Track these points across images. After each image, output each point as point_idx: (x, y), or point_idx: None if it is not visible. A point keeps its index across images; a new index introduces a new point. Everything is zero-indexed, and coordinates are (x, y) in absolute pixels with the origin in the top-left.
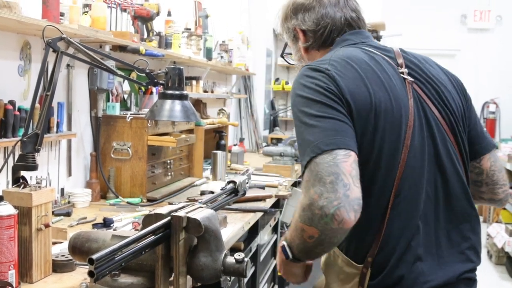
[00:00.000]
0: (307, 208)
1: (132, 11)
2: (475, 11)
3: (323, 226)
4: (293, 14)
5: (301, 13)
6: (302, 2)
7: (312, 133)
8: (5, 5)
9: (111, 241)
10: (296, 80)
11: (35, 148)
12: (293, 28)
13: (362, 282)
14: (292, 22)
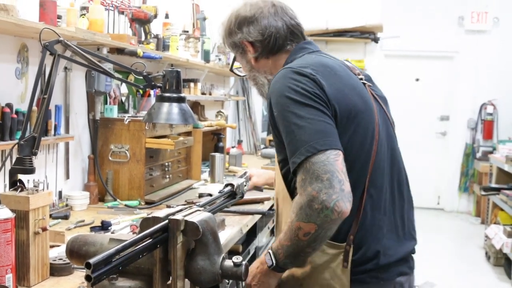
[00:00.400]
0: (306, 205)
1: (130, 14)
2: (472, 12)
3: (322, 219)
4: (238, 29)
5: (246, 27)
6: (244, 16)
7: (304, 133)
8: (2, 8)
9: (109, 245)
10: (279, 81)
11: (32, 151)
12: (240, 42)
13: (346, 258)
14: (238, 37)
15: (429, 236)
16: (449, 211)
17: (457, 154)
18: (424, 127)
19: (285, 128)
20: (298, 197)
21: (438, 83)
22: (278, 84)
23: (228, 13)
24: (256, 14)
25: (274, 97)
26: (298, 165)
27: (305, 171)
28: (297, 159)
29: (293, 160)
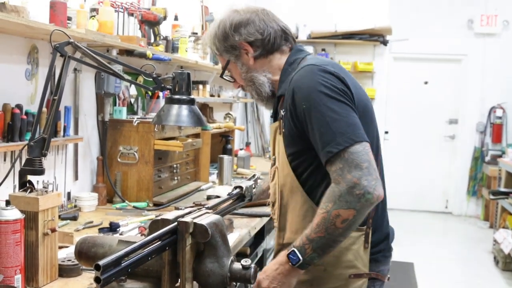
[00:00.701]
0: (346, 192)
1: (139, 16)
2: (482, 16)
3: (362, 204)
4: (234, 31)
5: (243, 28)
6: (239, 19)
7: (340, 126)
8: (13, 10)
9: (118, 246)
10: (308, 77)
11: (42, 152)
12: (239, 44)
13: (367, 239)
14: (236, 39)
15: (437, 240)
16: (457, 215)
17: (466, 158)
18: (433, 130)
19: (317, 120)
20: (334, 186)
21: (447, 86)
22: (307, 80)
23: (215, 23)
24: (251, 17)
25: (304, 91)
26: (335, 154)
27: (342, 160)
28: (334, 149)
29: (329, 150)
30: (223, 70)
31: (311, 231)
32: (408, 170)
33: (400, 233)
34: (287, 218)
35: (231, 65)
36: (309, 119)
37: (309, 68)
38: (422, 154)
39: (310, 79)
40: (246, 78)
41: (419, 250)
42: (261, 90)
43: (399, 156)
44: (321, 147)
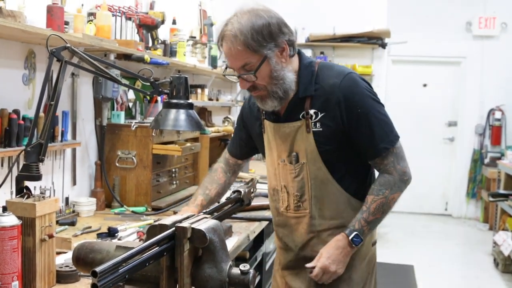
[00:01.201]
0: (398, 179)
1: (137, 20)
2: (480, 18)
3: (405, 187)
4: (279, 30)
5: (285, 28)
6: (280, 18)
7: (388, 126)
8: (10, 14)
9: (115, 252)
10: (358, 85)
11: (39, 158)
12: (282, 42)
13: None
14: (281, 38)
15: (436, 242)
16: (456, 217)
17: (465, 160)
18: (432, 133)
19: (372, 122)
20: (387, 176)
21: (445, 89)
22: (357, 88)
23: (253, 17)
24: (274, 18)
25: (357, 98)
26: (388, 150)
27: (392, 154)
28: (388, 145)
29: (384, 146)
30: (258, 67)
31: (368, 215)
32: None
33: (400, 235)
34: (321, 208)
35: (266, 63)
36: (363, 121)
37: (353, 77)
38: (421, 157)
39: (360, 87)
40: (276, 77)
41: (419, 253)
42: (287, 88)
43: None
44: (374, 144)
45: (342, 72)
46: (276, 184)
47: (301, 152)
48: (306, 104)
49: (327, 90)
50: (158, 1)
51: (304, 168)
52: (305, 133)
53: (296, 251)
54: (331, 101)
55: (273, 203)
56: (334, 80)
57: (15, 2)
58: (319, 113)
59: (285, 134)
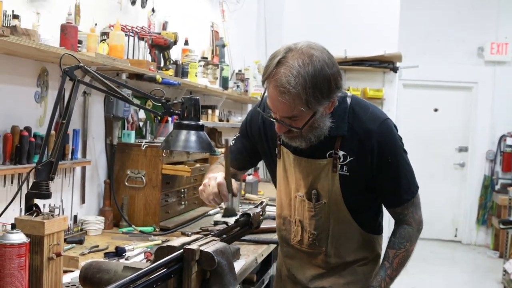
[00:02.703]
0: (416, 230)
1: (150, 40)
2: (492, 43)
3: (419, 236)
4: (337, 87)
5: (340, 81)
6: (336, 71)
7: (412, 177)
8: (24, 33)
9: (123, 273)
10: (391, 133)
11: (49, 176)
12: (336, 97)
13: None
14: (336, 94)
15: (445, 269)
16: (466, 243)
17: (476, 186)
18: (442, 158)
19: (400, 173)
20: (407, 227)
21: (456, 114)
22: (391, 137)
23: (312, 67)
24: (336, 63)
25: (390, 148)
26: (409, 201)
27: (412, 205)
28: (410, 196)
29: (406, 198)
30: (306, 123)
31: (392, 271)
32: None
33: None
34: (338, 246)
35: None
36: (392, 171)
37: (389, 125)
38: (431, 182)
39: (393, 136)
40: (316, 127)
41: (428, 279)
42: (321, 134)
43: None
44: (398, 195)
45: (378, 118)
46: (289, 215)
47: (323, 191)
48: (336, 144)
49: (361, 134)
50: (170, 22)
51: (325, 208)
52: (331, 173)
53: (306, 283)
54: (364, 147)
55: (283, 232)
56: (370, 126)
57: (30, 21)
58: (348, 156)
59: (307, 170)
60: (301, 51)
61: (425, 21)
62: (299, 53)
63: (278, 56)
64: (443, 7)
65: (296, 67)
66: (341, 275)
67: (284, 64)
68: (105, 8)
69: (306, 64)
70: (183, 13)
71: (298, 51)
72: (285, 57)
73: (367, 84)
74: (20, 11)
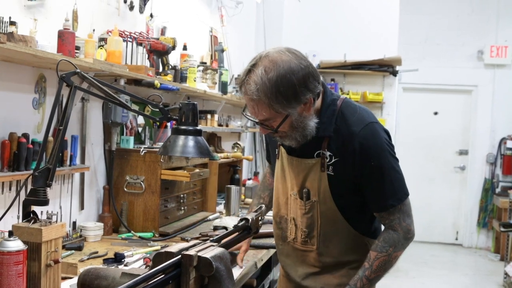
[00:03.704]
0: (402, 237)
1: (148, 45)
2: (492, 47)
3: (408, 244)
4: (304, 87)
5: (310, 82)
6: (305, 73)
7: (399, 182)
8: (21, 39)
9: (121, 279)
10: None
11: (46, 182)
12: (307, 99)
13: None
14: (305, 95)
15: (446, 272)
16: (467, 247)
17: (476, 189)
18: (443, 161)
19: (384, 177)
20: (392, 232)
21: (456, 117)
22: (375, 140)
23: (274, 74)
24: (308, 65)
25: (373, 150)
26: (395, 207)
27: (399, 211)
28: (395, 202)
29: (391, 203)
30: (279, 124)
31: (371, 272)
32: (417, 201)
33: (409, 265)
34: (329, 245)
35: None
36: (375, 174)
37: (373, 128)
38: (432, 185)
39: (377, 138)
40: (297, 127)
41: (428, 282)
42: (307, 134)
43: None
44: (382, 199)
45: (363, 121)
46: (285, 213)
47: (313, 189)
48: (324, 144)
49: (345, 136)
50: (169, 27)
51: (315, 206)
52: (319, 172)
53: (299, 281)
54: (347, 149)
55: (279, 230)
56: (353, 128)
57: (27, 27)
58: (333, 157)
59: (298, 169)
60: (269, 58)
61: (425, 25)
62: (267, 60)
63: (249, 64)
64: (443, 11)
65: (259, 75)
66: (334, 275)
67: (252, 72)
68: (103, 14)
69: (268, 71)
70: (182, 18)
71: (266, 58)
72: (255, 64)
73: (366, 88)
74: (17, 18)
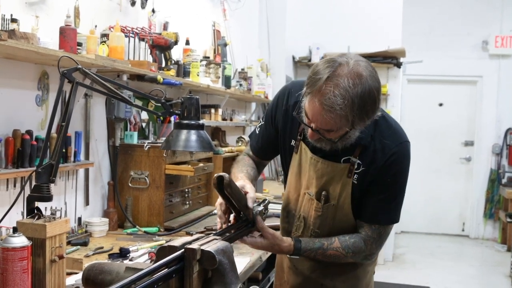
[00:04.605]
0: (365, 255)
1: (150, 40)
2: (497, 37)
3: (360, 262)
4: (378, 106)
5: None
6: (380, 90)
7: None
8: (23, 36)
9: (125, 274)
10: (407, 156)
11: (49, 179)
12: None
13: None
14: (376, 115)
15: (453, 263)
16: (474, 238)
17: (482, 180)
18: (448, 153)
19: (389, 194)
20: (363, 245)
21: (462, 108)
22: (405, 160)
23: (361, 89)
24: (379, 88)
25: (399, 168)
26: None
27: (380, 233)
28: (384, 222)
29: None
30: (340, 137)
31: (322, 253)
32: (423, 193)
33: (416, 256)
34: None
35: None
36: (386, 190)
37: (407, 148)
38: (437, 177)
39: (407, 159)
40: (346, 136)
41: (435, 274)
42: (349, 143)
43: (414, 179)
44: (375, 213)
45: (399, 138)
46: (294, 209)
47: (334, 194)
48: (356, 152)
49: (378, 149)
50: (171, 22)
51: (332, 210)
52: (346, 178)
53: (308, 274)
54: (376, 161)
55: (286, 224)
56: (389, 142)
57: (29, 24)
58: (361, 166)
59: (322, 171)
60: (351, 69)
61: (429, 16)
62: (349, 71)
63: (326, 71)
64: (446, 1)
65: (346, 87)
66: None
67: (332, 81)
68: (104, 10)
69: (356, 85)
70: (184, 13)
71: (347, 68)
72: (334, 73)
73: None
74: (19, 15)
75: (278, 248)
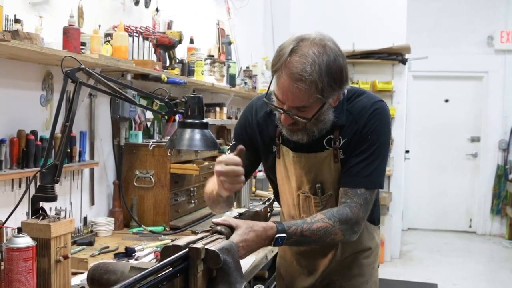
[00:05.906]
0: (352, 224)
1: (154, 40)
2: (502, 32)
3: (350, 238)
4: (347, 77)
5: (347, 73)
6: (346, 61)
7: (382, 170)
8: (26, 37)
9: (130, 273)
10: (387, 115)
11: (54, 179)
12: (344, 89)
13: None
14: (347, 84)
15: (460, 260)
16: (481, 234)
17: (489, 176)
18: (455, 149)
19: (368, 154)
20: (349, 211)
21: (468, 104)
22: (383, 117)
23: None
24: (345, 60)
25: (380, 127)
26: (365, 189)
27: (365, 198)
28: (365, 185)
29: (361, 182)
30: (315, 113)
31: (308, 229)
32: (430, 190)
33: (423, 253)
34: None
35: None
36: (366, 148)
37: (383, 106)
38: (444, 173)
39: (386, 117)
40: (322, 119)
41: (442, 271)
42: (324, 128)
43: (421, 176)
44: (356, 174)
45: (374, 97)
46: (295, 213)
47: (327, 183)
48: (335, 134)
49: (355, 114)
50: (175, 21)
51: (332, 200)
52: (333, 163)
53: (318, 275)
54: (358, 123)
55: None
56: (365, 102)
57: (33, 25)
58: (341, 139)
59: (309, 165)
60: (314, 41)
61: (433, 11)
62: (312, 43)
63: (290, 46)
64: None
65: (311, 55)
66: (349, 267)
67: (297, 52)
68: (108, 9)
69: (321, 53)
70: (188, 11)
71: (311, 40)
72: (298, 46)
73: (376, 77)
74: (23, 15)
75: (258, 228)
